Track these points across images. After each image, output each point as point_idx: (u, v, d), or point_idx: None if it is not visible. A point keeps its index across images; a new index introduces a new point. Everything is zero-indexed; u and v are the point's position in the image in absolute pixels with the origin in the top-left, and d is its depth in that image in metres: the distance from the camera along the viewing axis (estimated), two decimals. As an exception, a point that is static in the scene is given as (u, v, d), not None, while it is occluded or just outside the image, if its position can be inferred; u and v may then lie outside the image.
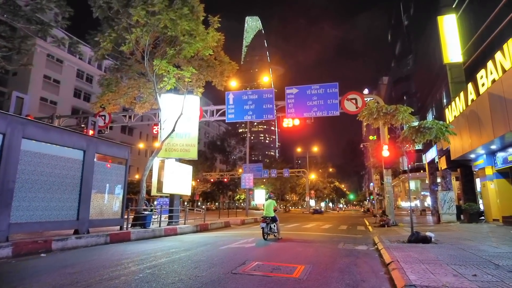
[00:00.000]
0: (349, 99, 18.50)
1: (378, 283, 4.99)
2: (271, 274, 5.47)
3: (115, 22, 13.56)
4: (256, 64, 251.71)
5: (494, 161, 15.08)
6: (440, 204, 17.27)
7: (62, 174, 9.24)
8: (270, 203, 11.72)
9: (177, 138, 16.65)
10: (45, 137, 8.92)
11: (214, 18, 14.73)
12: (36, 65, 32.10)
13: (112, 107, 17.89)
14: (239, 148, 69.93)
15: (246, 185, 30.01)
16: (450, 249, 7.38)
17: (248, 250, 8.48)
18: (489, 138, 12.38)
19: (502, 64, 11.16)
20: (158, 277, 5.20)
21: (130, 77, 16.30)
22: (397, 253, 6.85)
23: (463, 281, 4.42)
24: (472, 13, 18.08)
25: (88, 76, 42.70)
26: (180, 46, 14.29)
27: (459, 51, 19.24)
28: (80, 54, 35.61)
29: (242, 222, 21.23)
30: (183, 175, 16.80)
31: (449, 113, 16.80)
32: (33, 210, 8.35)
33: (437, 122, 9.27)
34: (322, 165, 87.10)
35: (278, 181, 65.71)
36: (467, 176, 18.88)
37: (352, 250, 8.55)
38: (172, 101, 16.63)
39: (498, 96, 11.37)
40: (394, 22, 51.06)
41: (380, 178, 41.77)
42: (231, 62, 17.09)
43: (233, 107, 20.29)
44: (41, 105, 34.99)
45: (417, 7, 33.45)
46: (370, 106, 10.47)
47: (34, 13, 12.17)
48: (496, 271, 5.05)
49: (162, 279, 5.07)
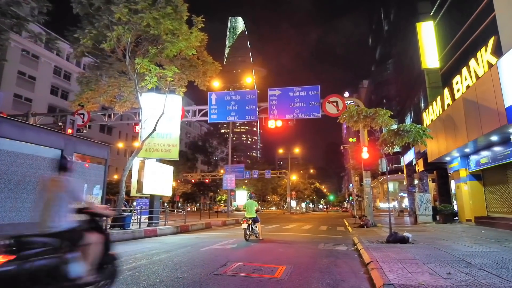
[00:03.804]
0: (330, 102, 18.78)
1: (358, 283, 5.09)
2: (253, 275, 5.48)
3: (96, 19, 13.24)
4: (239, 65, 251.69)
5: (467, 164, 15.67)
6: (417, 205, 17.80)
7: (38, 174, 8.92)
8: (252, 203, 11.72)
9: (158, 138, 16.43)
10: (20, 136, 8.61)
11: (198, 18, 14.63)
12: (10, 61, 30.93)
13: (91, 106, 17.48)
14: (221, 149, 69.63)
15: (228, 186, 29.89)
16: (426, 249, 7.62)
17: (230, 251, 8.46)
18: (463, 141, 12.86)
19: (475, 71, 11.63)
20: (139, 278, 5.12)
21: (110, 75, 15.94)
22: (376, 253, 7.01)
23: (438, 279, 4.58)
24: (449, 21, 18.77)
25: (66, 73, 41.46)
26: (163, 45, 14.13)
27: (436, 57, 19.92)
28: (58, 51, 34.52)
29: (224, 223, 21.15)
30: (163, 175, 16.59)
31: (427, 117, 17.34)
32: (6, 211, 8.04)
33: (415, 126, 9.56)
34: (304, 166, 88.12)
35: (260, 182, 65.90)
36: (443, 178, 19.57)
37: (332, 251, 8.68)
38: (154, 101, 16.41)
39: (472, 102, 11.83)
40: (375, 27, 52.30)
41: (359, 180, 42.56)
42: (214, 62, 17.04)
43: (216, 108, 20.21)
44: (15, 102, 33.67)
45: (397, 13, 34.39)
46: (350, 109, 10.68)
47: (9, 7, 11.72)
48: (469, 269, 5.26)
49: (142, 281, 4.99)
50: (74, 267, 3.45)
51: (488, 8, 13.63)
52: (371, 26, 57.49)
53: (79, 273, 3.51)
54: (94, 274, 3.75)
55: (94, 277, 3.74)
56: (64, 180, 3.80)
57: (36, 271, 3.14)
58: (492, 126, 10.49)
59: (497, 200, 13.84)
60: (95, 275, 3.77)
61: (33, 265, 3.13)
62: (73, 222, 3.81)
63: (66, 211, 3.72)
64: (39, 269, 3.18)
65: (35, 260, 3.16)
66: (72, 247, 3.56)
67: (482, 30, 14.56)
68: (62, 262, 3.37)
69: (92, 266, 3.73)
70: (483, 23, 14.34)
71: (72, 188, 3.82)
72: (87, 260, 3.69)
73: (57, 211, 3.64)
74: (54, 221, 3.60)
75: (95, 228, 3.96)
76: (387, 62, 44.99)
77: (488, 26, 13.90)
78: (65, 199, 3.74)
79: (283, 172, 61.21)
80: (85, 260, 3.66)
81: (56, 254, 3.36)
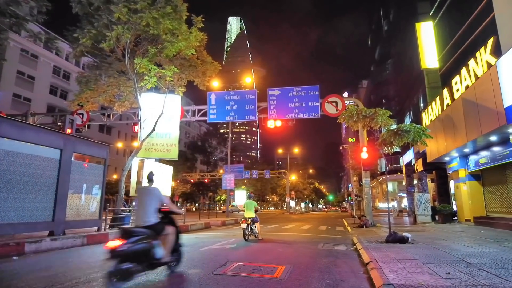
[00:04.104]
0: (330, 102, 18.79)
1: (357, 283, 5.09)
2: (253, 274, 5.48)
3: (96, 19, 13.21)
4: (239, 65, 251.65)
5: (467, 164, 15.69)
6: (416, 205, 17.81)
7: (37, 174, 8.91)
8: (251, 203, 11.72)
9: (157, 138, 16.40)
10: (19, 136, 8.57)
11: (198, 18, 14.60)
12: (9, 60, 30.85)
13: (90, 106, 17.45)
14: (220, 149, 69.61)
15: (227, 186, 29.89)
16: (426, 249, 7.63)
17: (229, 251, 8.46)
18: (462, 141, 12.88)
19: (475, 71, 11.65)
20: (137, 278, 5.10)
21: (109, 75, 15.91)
22: (376, 253, 7.01)
23: (438, 279, 4.58)
24: (448, 21, 18.80)
25: (65, 73, 41.40)
26: (162, 45, 14.10)
27: (435, 57, 19.94)
28: (57, 50, 34.49)
29: (223, 223, 21.14)
30: (163, 175, 16.55)
31: (426, 117, 17.36)
32: (5, 211, 8.01)
33: (414, 126, 9.56)
34: (303, 166, 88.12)
35: (259, 182, 65.93)
36: (442, 178, 19.58)
37: (331, 251, 8.69)
38: (153, 100, 16.38)
39: (471, 102, 11.85)
40: (375, 27, 52.32)
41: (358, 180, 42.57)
42: (214, 62, 17.01)
43: (215, 108, 20.21)
44: (14, 102, 33.61)
45: (397, 13, 34.42)
46: (350, 109, 10.67)
47: (8, 6, 11.68)
48: (468, 269, 5.26)
49: (141, 280, 4.98)
50: (158, 250, 4.98)
51: (487, 8, 13.66)
52: (370, 26, 57.52)
53: (161, 254, 5.04)
54: (169, 256, 5.30)
55: (169, 258, 5.31)
56: (152, 189, 5.41)
57: (138, 251, 4.62)
58: (491, 126, 10.50)
59: (496, 200, 13.87)
60: (170, 257, 5.33)
61: (136, 247, 4.59)
62: (158, 218, 5.27)
63: (154, 210, 5.22)
64: (139, 250, 4.65)
65: (137, 244, 4.61)
66: (157, 236, 5.05)
67: (481, 30, 14.59)
68: (151, 246, 4.87)
69: (168, 250, 5.26)
70: (482, 23, 14.36)
71: (158, 195, 5.36)
72: (166, 246, 5.22)
73: (148, 210, 5.14)
74: (147, 217, 5.08)
75: (170, 223, 5.52)
76: (386, 62, 45.03)
77: (487, 26, 13.93)
78: (153, 202, 5.23)
79: (282, 172, 61.20)
80: (164, 245, 5.19)
81: (148, 241, 4.82)
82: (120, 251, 4.37)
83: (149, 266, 4.89)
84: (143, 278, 5.11)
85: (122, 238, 4.54)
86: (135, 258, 4.57)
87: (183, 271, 5.72)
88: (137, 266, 4.61)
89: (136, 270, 4.60)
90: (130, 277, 4.53)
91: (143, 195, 5.32)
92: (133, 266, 4.53)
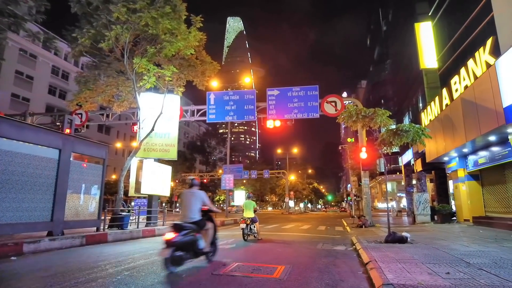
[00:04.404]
0: (329, 102, 18.79)
1: (357, 283, 5.08)
2: (252, 274, 5.47)
3: (94, 19, 13.18)
4: (238, 65, 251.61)
5: (466, 164, 15.72)
6: (415, 205, 17.82)
7: (35, 174, 8.88)
8: (250, 203, 11.70)
9: (156, 138, 16.36)
10: (18, 135, 8.54)
11: (197, 17, 14.58)
12: (8, 60, 30.80)
13: (89, 105, 17.41)
14: (219, 149, 69.59)
15: (227, 186, 29.86)
16: (425, 249, 7.63)
17: (228, 251, 8.45)
18: (461, 141, 12.90)
19: (474, 71, 11.67)
20: (137, 278, 5.10)
21: (108, 75, 15.87)
22: (375, 253, 7.01)
23: (437, 279, 4.58)
24: (447, 21, 18.82)
25: (64, 72, 41.35)
26: (161, 45, 14.08)
27: (434, 58, 19.96)
28: (56, 50, 34.40)
29: (222, 223, 21.10)
30: (162, 175, 16.53)
31: (425, 117, 17.38)
32: (3, 211, 7.98)
33: (414, 126, 9.56)
34: (302, 166, 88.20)
35: (258, 182, 65.89)
36: (441, 178, 19.61)
37: (331, 251, 8.68)
38: (152, 100, 16.35)
39: (470, 102, 11.86)
40: (373, 27, 52.39)
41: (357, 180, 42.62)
42: (213, 62, 17.00)
43: (214, 108, 20.19)
44: (12, 102, 33.56)
45: (395, 13, 34.47)
46: (349, 109, 10.67)
47: (7, 5, 11.64)
48: (468, 268, 5.27)
49: (140, 280, 4.97)
50: (200, 242, 6.18)
51: (486, 9, 13.67)
52: (369, 27, 57.60)
53: (203, 246, 6.23)
54: (209, 247, 6.51)
55: (209, 249, 6.51)
56: (196, 192, 6.51)
57: (186, 242, 5.79)
58: (490, 126, 10.51)
59: (495, 200, 13.89)
60: (209, 248, 6.53)
61: (185, 239, 5.76)
62: (200, 215, 6.35)
63: (197, 209, 6.33)
64: (188, 241, 5.83)
65: (185, 236, 5.77)
66: (199, 230, 6.23)
67: (480, 30, 14.61)
68: (196, 238, 6.07)
69: (208, 243, 6.45)
70: (481, 23, 14.38)
71: (201, 196, 6.48)
72: (206, 239, 6.41)
73: (193, 209, 6.26)
74: (192, 215, 6.20)
75: (209, 219, 6.63)
76: (385, 62, 45.07)
77: (486, 27, 13.95)
78: (197, 202, 6.36)
79: (281, 172, 61.21)
80: (205, 238, 6.37)
81: (193, 234, 6.01)
82: (174, 241, 5.50)
83: (194, 255, 6.05)
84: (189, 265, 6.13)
85: (175, 231, 5.68)
86: (184, 247, 5.75)
87: (185, 270, 5.71)
88: (186, 254, 5.80)
89: (185, 258, 5.79)
90: (181, 263, 5.71)
91: (188, 197, 6.41)
92: (183, 254, 5.73)
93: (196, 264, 6.32)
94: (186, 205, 6.29)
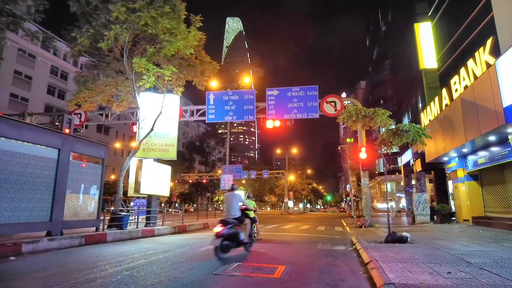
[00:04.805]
0: (329, 102, 18.78)
1: (358, 282, 5.06)
2: (252, 274, 5.45)
3: (94, 18, 13.13)
4: (237, 65, 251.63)
5: (465, 164, 15.72)
6: (415, 205, 17.82)
7: (34, 174, 8.84)
8: (250, 203, 11.65)
9: (155, 138, 16.33)
10: (17, 135, 8.49)
11: (196, 17, 14.56)
12: (6, 60, 30.73)
13: (88, 105, 17.36)
14: (218, 149, 69.55)
15: (226, 186, 29.70)
16: (425, 249, 7.61)
17: (228, 251, 8.41)
18: (461, 141, 12.90)
19: (474, 71, 11.67)
20: (137, 278, 5.07)
21: (108, 74, 15.82)
22: (375, 253, 6.99)
23: (439, 279, 4.56)
24: (447, 21, 18.83)
25: (63, 72, 41.27)
26: (161, 45, 14.05)
27: (434, 58, 19.98)
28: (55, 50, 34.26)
29: (221, 223, 21.05)
30: (161, 175, 16.50)
31: (424, 117, 17.38)
32: (2, 211, 7.93)
33: (414, 125, 9.55)
34: (301, 166, 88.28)
35: (257, 183, 65.84)
36: (440, 178, 19.61)
37: (330, 251, 8.66)
38: (151, 100, 16.32)
39: (470, 102, 11.86)
40: (373, 27, 52.42)
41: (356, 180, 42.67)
42: (212, 62, 16.98)
43: (214, 108, 20.16)
44: (11, 102, 33.48)
45: (395, 14, 34.48)
46: (349, 109, 10.64)
47: (5, 5, 11.59)
48: (469, 268, 5.25)
49: (141, 280, 4.94)
50: (241, 234, 7.61)
51: (486, 9, 13.68)
52: (368, 27, 57.62)
53: (243, 237, 7.66)
54: (247, 238, 7.92)
55: (247, 240, 7.93)
56: (236, 194, 8.07)
57: (231, 234, 7.20)
58: (490, 126, 10.51)
59: (495, 200, 13.89)
60: (248, 239, 7.95)
61: (230, 231, 7.17)
62: (240, 213, 7.83)
63: (238, 208, 7.82)
64: (232, 233, 7.24)
65: (230, 229, 7.21)
66: (240, 225, 7.74)
67: (479, 30, 14.61)
68: (237, 231, 7.51)
69: (247, 235, 7.88)
70: (481, 23, 14.39)
71: (240, 198, 8.04)
72: (245, 232, 7.86)
73: (234, 208, 7.75)
74: (234, 212, 7.68)
75: (247, 216, 8.23)
76: (384, 62, 45.10)
77: (485, 27, 13.96)
78: (237, 202, 7.87)
79: (280, 172, 61.22)
80: (244, 231, 7.83)
81: (236, 227, 7.49)
82: (222, 233, 6.88)
83: (236, 245, 7.43)
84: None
85: (222, 225, 7.03)
86: (230, 238, 7.12)
87: (185, 270, 5.68)
88: (231, 243, 7.16)
89: (231, 246, 7.19)
90: (228, 250, 7.10)
91: (230, 198, 7.91)
92: (229, 243, 7.10)
93: (195, 264, 6.30)
94: (229, 204, 7.78)
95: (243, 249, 7.83)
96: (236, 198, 7.92)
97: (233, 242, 7.23)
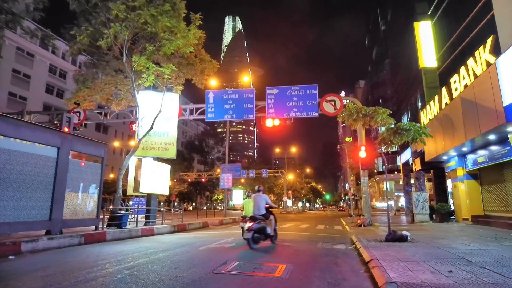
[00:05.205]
0: (328, 101, 18.76)
1: (359, 281, 5.05)
2: (253, 273, 5.43)
3: (93, 16, 13.08)
4: (236, 64, 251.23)
5: (465, 163, 15.73)
6: (414, 204, 17.82)
7: (33, 172, 8.80)
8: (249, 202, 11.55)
9: (155, 137, 16.29)
10: (16, 133, 8.44)
11: (196, 15, 14.53)
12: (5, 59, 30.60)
13: (87, 104, 17.28)
14: (217, 148, 69.58)
15: (225, 185, 29.84)
16: (426, 248, 7.61)
17: (228, 250, 8.40)
18: (461, 140, 12.90)
19: (474, 70, 11.66)
20: (137, 278, 5.04)
21: (107, 73, 15.76)
22: (376, 252, 6.98)
23: (440, 277, 4.55)
24: (446, 20, 18.83)
25: (62, 71, 41.13)
26: (160, 43, 14.00)
27: (433, 57, 19.98)
28: (54, 48, 34.20)
29: (221, 223, 21.08)
30: (161, 174, 16.46)
31: (424, 116, 17.38)
32: (1, 210, 7.89)
33: (414, 124, 9.55)
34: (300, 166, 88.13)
35: (257, 182, 65.57)
36: (440, 177, 19.62)
37: (331, 250, 8.65)
38: (151, 99, 16.27)
39: (470, 101, 11.86)
40: (372, 27, 52.40)
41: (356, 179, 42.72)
42: (212, 61, 16.95)
43: (213, 106, 20.13)
44: (9, 101, 33.37)
45: (394, 13, 34.47)
46: (349, 108, 10.62)
47: (4, 3, 11.52)
48: (470, 267, 5.24)
49: (141, 279, 4.91)
50: (268, 228, 8.92)
51: (485, 8, 13.68)
52: (368, 26, 57.60)
53: (269, 231, 8.97)
54: (273, 232, 9.22)
55: (273, 233, 9.23)
56: (262, 195, 9.44)
57: (260, 228, 8.66)
58: (490, 125, 10.51)
59: (494, 199, 13.91)
60: (273, 233, 9.24)
61: (259, 225, 8.62)
62: (265, 210, 9.22)
63: (263, 206, 9.22)
64: (261, 227, 8.68)
65: (259, 224, 8.61)
66: (266, 221, 9.07)
67: (479, 29, 14.61)
68: (264, 226, 8.85)
69: (272, 229, 9.14)
70: (480, 22, 14.39)
71: (265, 198, 9.43)
72: (270, 226, 9.14)
73: (261, 206, 9.18)
74: (261, 210, 9.13)
75: (271, 213, 9.42)
76: (384, 62, 45.12)
77: (485, 26, 13.96)
78: (262, 202, 9.27)
79: (279, 171, 61.16)
80: (270, 226, 9.12)
81: (263, 223, 8.86)
82: (252, 228, 8.32)
83: (264, 237, 8.81)
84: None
85: (252, 221, 8.47)
86: (259, 231, 8.56)
87: (186, 268, 5.67)
88: (260, 236, 8.62)
89: (260, 238, 8.63)
90: (258, 242, 8.55)
91: (257, 198, 9.30)
92: (259, 236, 8.57)
93: (195, 263, 6.29)
94: (256, 203, 9.20)
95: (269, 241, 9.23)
96: (262, 198, 9.31)
97: (262, 234, 8.63)
